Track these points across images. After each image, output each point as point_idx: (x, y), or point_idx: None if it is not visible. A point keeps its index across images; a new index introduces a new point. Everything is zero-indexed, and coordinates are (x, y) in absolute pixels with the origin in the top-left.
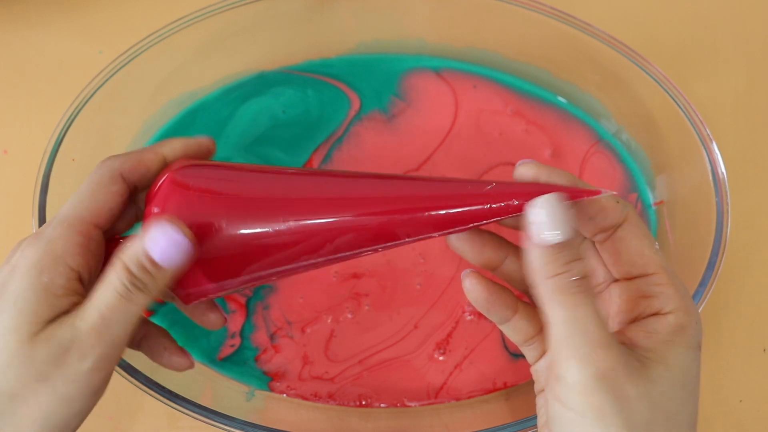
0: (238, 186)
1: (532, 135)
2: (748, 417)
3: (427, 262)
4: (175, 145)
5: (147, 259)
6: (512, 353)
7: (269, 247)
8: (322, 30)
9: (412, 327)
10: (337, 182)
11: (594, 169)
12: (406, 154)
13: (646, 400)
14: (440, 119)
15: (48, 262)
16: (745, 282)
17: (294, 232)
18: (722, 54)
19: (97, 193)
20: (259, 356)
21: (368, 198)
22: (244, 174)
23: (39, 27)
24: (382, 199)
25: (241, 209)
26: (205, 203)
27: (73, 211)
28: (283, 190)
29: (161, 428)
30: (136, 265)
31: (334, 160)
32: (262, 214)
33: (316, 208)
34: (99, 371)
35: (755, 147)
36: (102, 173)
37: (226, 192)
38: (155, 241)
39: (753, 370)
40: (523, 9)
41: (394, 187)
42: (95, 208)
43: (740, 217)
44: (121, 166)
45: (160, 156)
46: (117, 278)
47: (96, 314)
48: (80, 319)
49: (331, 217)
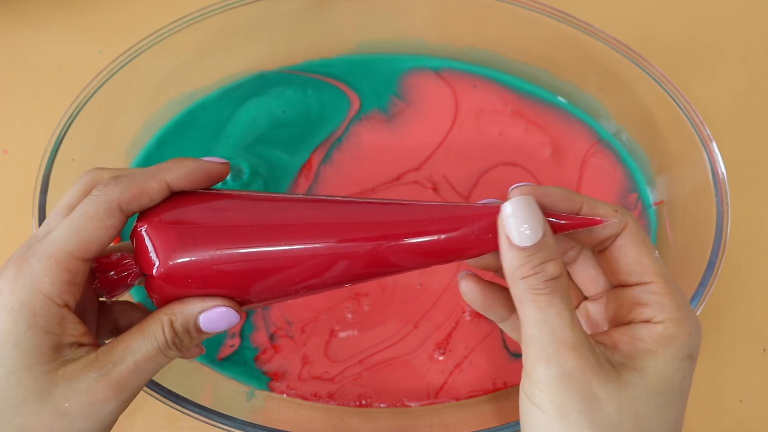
0: (225, 217)
1: (532, 135)
2: (748, 417)
3: None
4: (180, 173)
5: (195, 328)
6: (512, 353)
7: (257, 275)
8: (322, 30)
9: (411, 327)
10: (325, 207)
11: (594, 169)
12: (406, 154)
13: (615, 403)
14: (440, 119)
15: (38, 304)
16: (745, 282)
17: (285, 259)
18: (722, 54)
19: (89, 228)
20: (259, 356)
21: (362, 223)
22: (231, 203)
23: (39, 27)
24: (376, 224)
25: (228, 241)
26: (194, 239)
27: (62, 244)
28: (269, 218)
29: (161, 428)
30: (183, 329)
31: (334, 160)
32: (248, 244)
33: (308, 234)
34: (118, 412)
35: (755, 147)
36: (98, 204)
37: (213, 225)
38: (210, 317)
39: (753, 370)
40: (523, 9)
41: (384, 212)
42: (86, 242)
43: (740, 216)
44: (120, 196)
45: (164, 185)
46: (161, 333)
47: (132, 362)
48: (112, 363)
49: (318, 242)
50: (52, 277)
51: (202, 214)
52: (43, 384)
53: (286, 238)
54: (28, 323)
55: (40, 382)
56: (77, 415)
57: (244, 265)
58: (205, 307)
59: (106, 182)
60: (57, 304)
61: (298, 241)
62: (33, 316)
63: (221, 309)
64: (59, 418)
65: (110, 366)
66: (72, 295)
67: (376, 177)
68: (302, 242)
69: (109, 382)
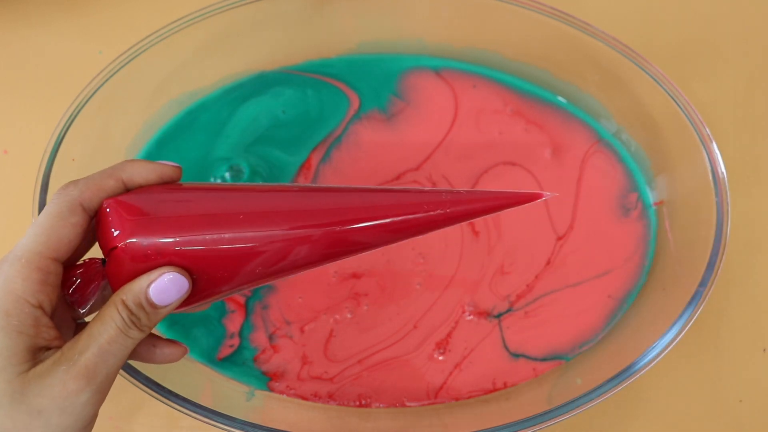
0: (185, 206)
1: (532, 134)
2: (749, 417)
3: (427, 261)
4: (134, 171)
5: (147, 301)
6: (512, 353)
7: (223, 260)
8: (322, 30)
9: (411, 327)
10: (282, 195)
11: (594, 169)
12: (405, 154)
13: None
14: (440, 118)
15: (11, 305)
16: (745, 282)
17: (246, 243)
18: (722, 54)
19: (55, 226)
20: (258, 356)
21: (314, 210)
22: (192, 193)
23: (39, 27)
24: (328, 211)
25: (188, 227)
26: (155, 225)
27: (31, 245)
28: (228, 206)
29: (161, 428)
30: (136, 305)
31: (333, 159)
32: (209, 230)
33: (262, 220)
34: (94, 403)
35: (755, 147)
36: (60, 204)
37: (174, 208)
38: (158, 287)
39: (753, 370)
40: (524, 9)
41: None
42: (54, 241)
43: (740, 216)
44: (80, 195)
45: (120, 183)
46: (117, 314)
47: (95, 347)
48: (77, 353)
49: (270, 229)
50: (24, 276)
51: (163, 198)
52: (16, 385)
53: (241, 225)
54: (2, 326)
55: (13, 383)
56: (53, 411)
57: (201, 249)
58: (152, 278)
59: (65, 185)
60: (31, 304)
61: (252, 228)
62: (6, 317)
63: (168, 276)
64: (35, 416)
65: (77, 356)
66: (46, 295)
67: (375, 176)
68: (256, 229)
69: (78, 371)
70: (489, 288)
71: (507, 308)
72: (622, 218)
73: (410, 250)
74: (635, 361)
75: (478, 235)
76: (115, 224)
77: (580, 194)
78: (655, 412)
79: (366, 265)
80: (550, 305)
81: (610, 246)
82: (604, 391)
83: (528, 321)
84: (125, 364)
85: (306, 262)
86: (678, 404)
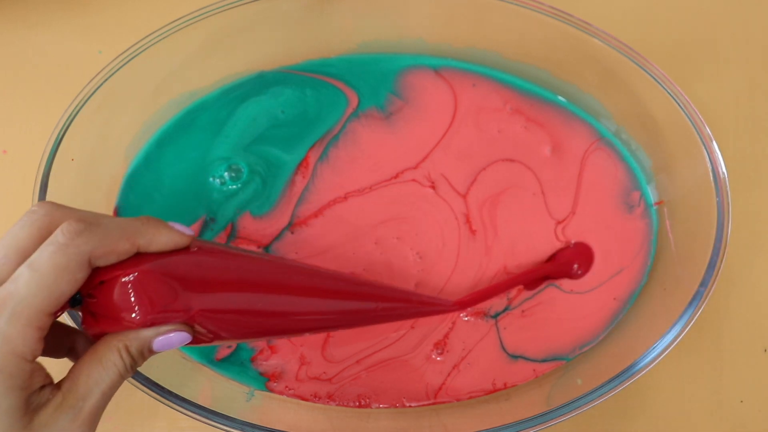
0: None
1: (532, 132)
2: (749, 417)
3: (424, 261)
4: (153, 240)
5: (149, 351)
6: (510, 354)
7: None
8: (322, 30)
9: (408, 327)
10: (303, 274)
11: (595, 169)
12: (404, 152)
13: None
14: (439, 117)
15: (14, 366)
16: (746, 282)
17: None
18: (723, 54)
19: (59, 281)
20: (256, 357)
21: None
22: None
23: (39, 27)
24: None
25: (206, 290)
26: (173, 293)
27: (31, 300)
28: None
29: (161, 429)
30: (139, 353)
31: (330, 158)
32: (224, 296)
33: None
34: None
35: (756, 147)
36: (70, 257)
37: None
38: (164, 341)
39: (754, 371)
40: (524, 8)
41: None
42: (56, 297)
43: (741, 216)
44: (92, 251)
45: (134, 249)
46: (120, 360)
47: (98, 394)
48: (80, 400)
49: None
50: (24, 337)
51: (181, 262)
52: None
53: (264, 296)
54: (5, 386)
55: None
56: None
57: (214, 313)
58: (160, 332)
59: (78, 231)
60: (28, 361)
61: (268, 302)
62: (10, 379)
63: (177, 333)
64: None
65: (80, 403)
66: (40, 348)
67: (374, 175)
68: (272, 303)
69: (83, 421)
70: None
71: (504, 306)
72: (626, 215)
73: (408, 249)
74: (636, 361)
75: (475, 234)
76: (139, 298)
77: (580, 191)
78: (655, 412)
79: (364, 264)
80: (550, 306)
81: (618, 244)
82: (605, 392)
83: (525, 321)
84: None
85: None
86: (679, 404)
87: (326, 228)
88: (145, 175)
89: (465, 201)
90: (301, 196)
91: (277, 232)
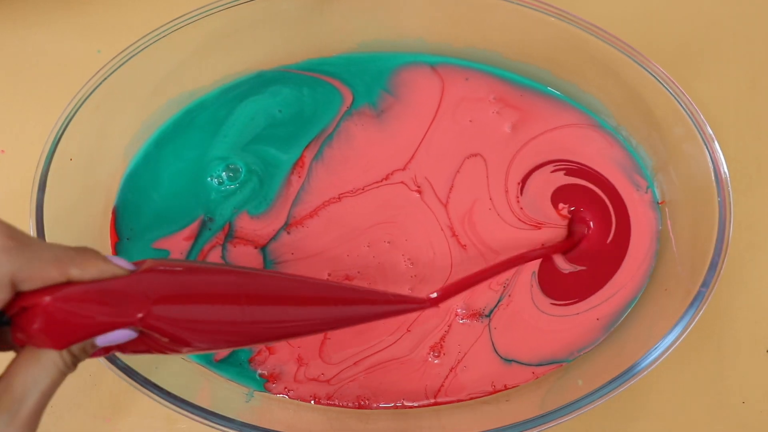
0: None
1: (502, 115)
2: (751, 418)
3: (416, 267)
4: (86, 273)
5: (92, 346)
6: (504, 358)
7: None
8: (322, 29)
9: (404, 330)
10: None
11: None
12: (393, 152)
13: None
14: (424, 112)
15: None
16: (748, 282)
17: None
18: (724, 53)
19: None
20: (254, 358)
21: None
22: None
23: (38, 27)
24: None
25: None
26: None
27: None
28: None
29: (159, 429)
30: (81, 350)
31: (325, 157)
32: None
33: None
34: None
35: (757, 147)
36: None
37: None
38: (107, 338)
39: (756, 371)
40: (524, 8)
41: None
42: None
43: (742, 217)
44: (17, 273)
45: (65, 279)
46: (60, 360)
47: (37, 395)
48: (17, 402)
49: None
50: None
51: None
52: None
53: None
54: None
55: None
56: None
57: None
58: (109, 335)
59: (5, 248)
60: None
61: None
62: None
63: (119, 330)
64: None
65: (17, 405)
66: None
67: (366, 176)
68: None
69: (21, 422)
70: (488, 285)
71: (498, 299)
72: (636, 192)
73: (400, 255)
74: (637, 362)
75: (466, 248)
76: (61, 326)
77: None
78: (657, 413)
79: (358, 267)
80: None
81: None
82: (606, 393)
83: (514, 319)
84: (123, 365)
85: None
86: (680, 405)
87: (321, 229)
88: (144, 174)
89: (447, 211)
90: (297, 195)
91: (273, 233)
